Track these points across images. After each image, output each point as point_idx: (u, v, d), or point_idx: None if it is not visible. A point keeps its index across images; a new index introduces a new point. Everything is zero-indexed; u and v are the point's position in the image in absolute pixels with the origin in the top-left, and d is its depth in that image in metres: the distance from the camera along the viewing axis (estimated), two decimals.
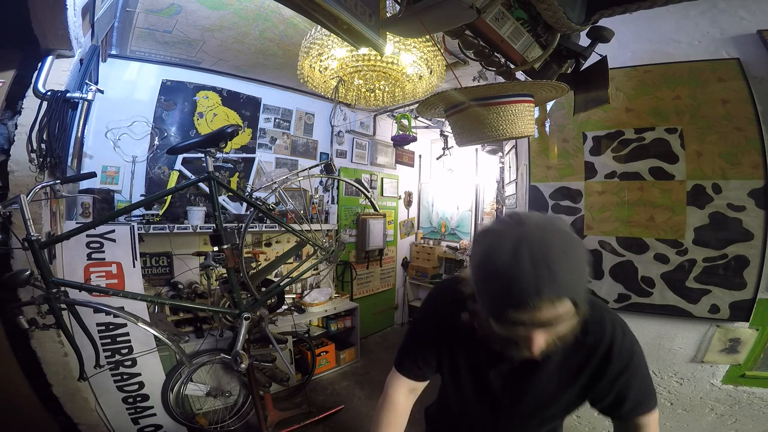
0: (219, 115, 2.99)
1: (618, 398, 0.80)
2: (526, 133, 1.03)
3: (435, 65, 1.69)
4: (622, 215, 1.66)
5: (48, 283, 1.20)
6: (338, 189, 3.84)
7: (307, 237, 1.99)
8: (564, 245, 0.60)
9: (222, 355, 2.33)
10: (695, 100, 1.56)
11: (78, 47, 1.54)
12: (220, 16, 2.08)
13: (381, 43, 0.89)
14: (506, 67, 1.12)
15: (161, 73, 2.70)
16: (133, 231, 2.07)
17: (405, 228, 4.70)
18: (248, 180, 3.18)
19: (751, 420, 1.54)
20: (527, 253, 0.57)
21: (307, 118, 3.57)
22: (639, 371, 0.81)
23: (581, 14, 0.99)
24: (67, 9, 1.29)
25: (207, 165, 1.53)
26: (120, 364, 1.94)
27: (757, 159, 1.47)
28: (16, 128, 1.46)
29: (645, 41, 1.66)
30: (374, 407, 0.97)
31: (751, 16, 1.50)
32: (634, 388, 0.80)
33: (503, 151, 2.89)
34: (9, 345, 1.50)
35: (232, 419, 2.47)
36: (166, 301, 2.38)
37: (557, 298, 0.58)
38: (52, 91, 1.47)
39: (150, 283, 2.56)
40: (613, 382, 0.79)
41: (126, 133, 2.55)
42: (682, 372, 1.62)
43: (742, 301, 1.48)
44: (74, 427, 1.75)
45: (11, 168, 1.45)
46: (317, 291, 3.32)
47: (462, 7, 0.73)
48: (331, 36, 1.51)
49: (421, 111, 1.17)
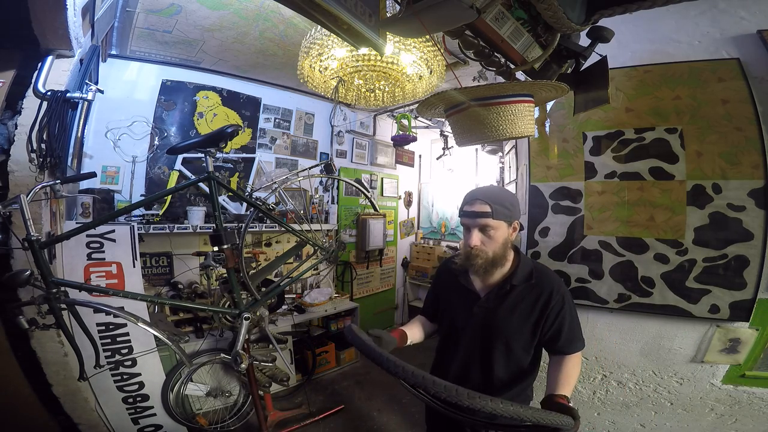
0: (219, 115, 2.99)
1: (555, 333, 1.13)
2: (526, 133, 1.03)
3: (435, 65, 1.69)
4: (622, 215, 1.66)
5: (48, 283, 1.20)
6: (338, 189, 3.84)
7: (307, 237, 1.99)
8: (499, 190, 1.22)
9: (222, 355, 2.33)
10: (695, 100, 1.56)
11: (78, 47, 1.54)
12: (220, 16, 2.08)
13: (381, 43, 0.89)
14: (506, 67, 1.12)
15: (161, 73, 2.70)
16: (133, 231, 2.07)
17: (405, 228, 4.70)
18: (248, 180, 3.19)
19: (751, 420, 1.54)
20: (480, 187, 1.22)
21: (307, 118, 3.57)
22: (571, 314, 1.15)
23: (581, 14, 0.99)
24: (67, 9, 1.29)
25: (207, 165, 1.52)
26: (120, 364, 1.94)
27: (757, 159, 1.47)
28: (16, 128, 1.46)
29: (645, 41, 1.66)
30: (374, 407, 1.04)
31: (751, 16, 1.50)
32: (566, 327, 1.12)
33: (503, 151, 2.89)
34: (9, 345, 1.50)
35: (232, 419, 2.47)
36: (166, 301, 2.37)
37: (483, 202, 1.11)
38: (52, 91, 1.47)
39: (150, 283, 2.56)
40: (553, 320, 1.12)
41: (126, 133, 2.55)
42: (682, 372, 1.62)
43: (742, 301, 1.48)
44: (74, 427, 1.75)
45: (11, 168, 1.45)
46: (317, 291, 3.32)
47: (462, 7, 0.73)
48: (331, 36, 1.51)
49: (421, 111, 1.17)
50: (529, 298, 1.14)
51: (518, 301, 1.15)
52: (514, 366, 1.18)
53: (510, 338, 1.16)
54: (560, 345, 1.14)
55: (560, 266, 1.78)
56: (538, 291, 1.14)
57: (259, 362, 2.27)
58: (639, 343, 1.67)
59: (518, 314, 1.15)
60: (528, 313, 1.14)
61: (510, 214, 1.13)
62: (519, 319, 1.15)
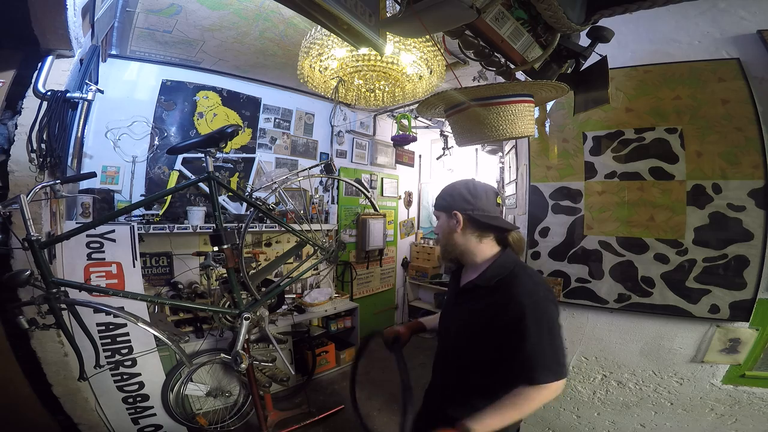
0: (219, 115, 2.99)
1: (510, 352, 0.90)
2: (526, 133, 1.03)
3: (435, 65, 1.69)
4: (622, 215, 1.67)
5: (48, 283, 1.20)
6: (338, 189, 3.84)
7: (307, 237, 1.99)
8: (452, 182, 1.13)
9: (222, 355, 2.33)
10: (695, 100, 1.56)
11: (78, 47, 1.54)
12: (220, 16, 2.08)
13: (381, 43, 0.89)
14: (506, 67, 1.12)
15: (161, 73, 2.70)
16: (133, 231, 2.07)
17: (405, 228, 4.70)
18: (248, 180, 3.18)
19: (751, 420, 1.54)
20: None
21: (307, 118, 3.57)
22: (538, 334, 0.88)
23: (581, 14, 0.99)
24: (67, 9, 1.29)
25: (207, 165, 1.52)
26: (120, 364, 1.94)
27: (757, 159, 1.47)
28: (16, 128, 1.46)
29: (645, 41, 1.66)
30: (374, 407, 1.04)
31: (751, 16, 1.50)
32: (527, 348, 0.88)
33: (503, 151, 2.89)
34: (9, 345, 1.50)
35: (232, 419, 2.47)
36: (166, 301, 2.37)
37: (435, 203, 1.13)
38: (52, 91, 1.46)
39: (150, 283, 2.56)
40: (507, 335, 0.91)
41: (126, 133, 2.55)
42: (682, 372, 1.62)
43: (742, 301, 1.48)
44: (74, 427, 1.75)
45: (11, 168, 1.45)
46: (317, 291, 3.32)
47: (462, 7, 0.73)
48: (331, 36, 1.51)
49: (421, 111, 1.17)
50: (484, 302, 0.99)
51: (474, 305, 1.02)
52: (463, 377, 1.04)
53: (458, 346, 1.05)
54: (516, 369, 0.91)
55: (560, 266, 1.78)
56: (496, 297, 0.97)
57: (259, 362, 2.27)
58: (639, 343, 1.67)
59: (470, 319, 1.02)
60: (477, 320, 1.00)
61: (446, 204, 1.07)
62: (470, 325, 1.02)
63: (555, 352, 0.89)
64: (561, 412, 1.86)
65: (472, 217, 1.04)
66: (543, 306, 0.91)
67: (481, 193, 1.05)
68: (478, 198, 1.04)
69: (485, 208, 1.04)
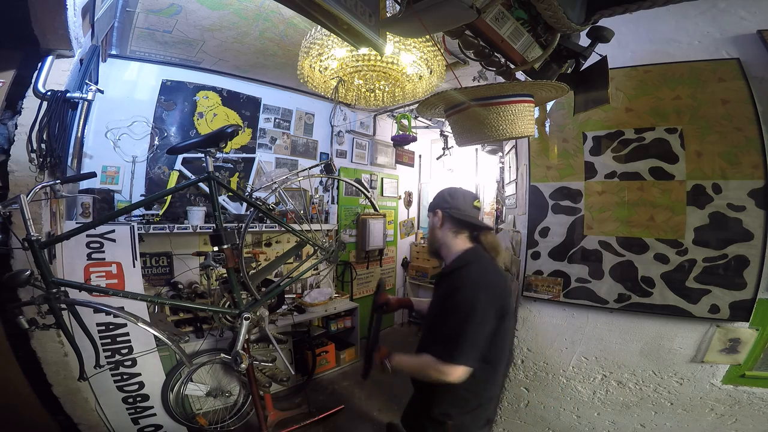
0: (219, 115, 2.99)
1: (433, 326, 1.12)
2: (526, 133, 1.03)
3: (435, 65, 1.69)
4: (622, 215, 1.66)
5: (48, 283, 1.20)
6: (338, 189, 3.84)
7: (307, 237, 1.99)
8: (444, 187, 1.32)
9: (222, 355, 2.33)
10: (695, 100, 1.56)
11: (78, 47, 1.54)
12: (220, 16, 2.08)
13: (381, 43, 0.89)
14: (506, 67, 1.12)
15: (161, 73, 2.70)
16: (133, 231, 2.07)
17: (405, 228, 4.70)
18: (248, 180, 3.18)
19: (751, 420, 1.54)
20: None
21: (307, 118, 3.57)
22: (457, 316, 1.04)
23: (581, 14, 0.99)
24: (67, 9, 1.29)
25: (207, 165, 1.52)
26: (120, 364, 1.93)
27: (757, 159, 1.47)
28: (16, 128, 1.46)
29: (645, 41, 1.66)
30: (374, 407, 1.09)
31: (751, 16, 1.50)
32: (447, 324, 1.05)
33: (503, 151, 2.89)
34: (9, 345, 1.50)
35: (232, 419, 2.47)
36: (166, 301, 2.37)
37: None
38: (52, 91, 1.46)
39: (150, 283, 2.56)
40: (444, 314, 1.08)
41: (126, 133, 2.55)
42: (682, 372, 1.62)
43: (742, 301, 1.48)
44: (74, 427, 1.75)
45: (11, 168, 1.45)
46: (317, 291, 3.32)
47: (462, 7, 0.73)
48: (331, 36, 1.51)
49: (421, 111, 1.17)
50: (443, 287, 1.18)
51: (438, 291, 1.21)
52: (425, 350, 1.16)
53: (427, 327, 1.20)
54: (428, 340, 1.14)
55: (560, 266, 1.78)
56: (450, 281, 1.15)
57: (259, 362, 2.27)
58: (639, 343, 1.67)
59: (435, 301, 1.20)
60: (438, 301, 1.17)
61: (432, 204, 1.28)
62: (434, 306, 1.19)
63: (462, 337, 1.02)
64: (561, 412, 1.86)
65: (450, 214, 1.22)
66: (473, 292, 1.05)
67: (459, 196, 1.24)
68: (456, 199, 1.24)
69: (461, 208, 1.22)
